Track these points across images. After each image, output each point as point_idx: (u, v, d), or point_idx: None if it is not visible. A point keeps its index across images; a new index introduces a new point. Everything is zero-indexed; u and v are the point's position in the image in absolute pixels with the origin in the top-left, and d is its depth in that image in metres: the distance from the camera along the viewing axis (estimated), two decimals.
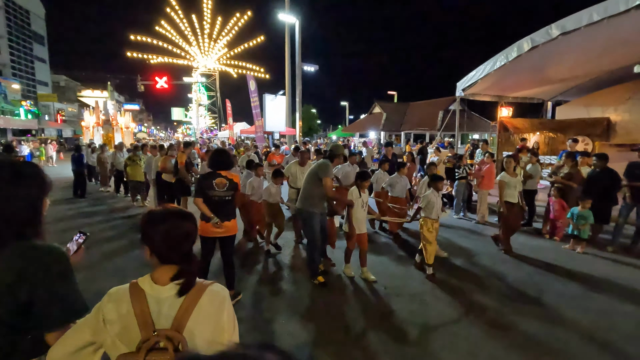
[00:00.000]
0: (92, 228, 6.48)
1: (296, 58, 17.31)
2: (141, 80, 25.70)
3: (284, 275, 4.58)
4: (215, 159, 3.52)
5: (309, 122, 46.96)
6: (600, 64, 9.44)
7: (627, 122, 10.17)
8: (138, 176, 8.33)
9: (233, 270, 3.72)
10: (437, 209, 4.50)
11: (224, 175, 3.47)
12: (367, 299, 3.94)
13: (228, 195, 3.47)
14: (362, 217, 4.36)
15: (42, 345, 1.12)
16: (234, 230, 3.61)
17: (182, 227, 1.12)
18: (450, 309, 3.67)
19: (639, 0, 6.05)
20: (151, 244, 1.10)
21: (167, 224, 1.10)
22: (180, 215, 1.14)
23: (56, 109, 52.12)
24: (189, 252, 1.13)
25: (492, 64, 9.22)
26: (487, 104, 13.42)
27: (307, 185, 4.24)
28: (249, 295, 3.95)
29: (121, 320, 1.04)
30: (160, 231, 1.09)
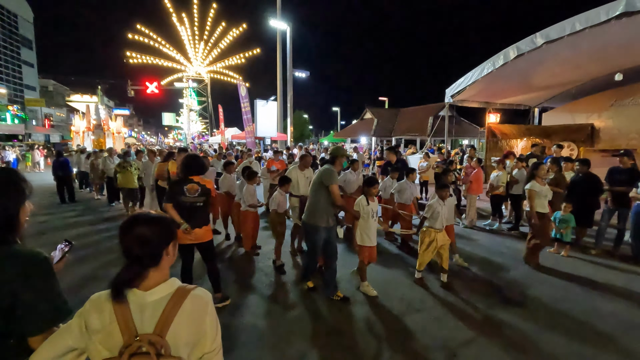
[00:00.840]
0: (86, 238, 6.22)
1: (287, 64, 17.40)
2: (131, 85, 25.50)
3: (283, 291, 4.25)
4: (187, 164, 3.40)
5: (301, 127, 47.06)
6: (583, 72, 9.71)
7: (610, 128, 10.46)
8: (129, 183, 7.90)
9: (217, 275, 3.67)
10: (442, 219, 4.29)
11: (196, 180, 3.36)
12: (373, 314, 3.67)
13: (200, 201, 3.36)
14: (373, 229, 4.01)
15: (25, 350, 1.12)
16: (207, 237, 3.49)
17: (136, 230, 1.09)
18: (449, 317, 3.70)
19: (619, 11, 6.28)
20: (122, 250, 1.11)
21: (126, 230, 1.10)
22: (138, 220, 1.12)
23: (44, 113, 51.33)
24: (140, 256, 1.09)
25: (479, 71, 9.42)
26: (476, 110, 13.65)
27: (313, 196, 3.85)
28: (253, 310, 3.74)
29: (103, 325, 1.04)
30: (122, 237, 1.10)
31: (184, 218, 3.30)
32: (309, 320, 3.54)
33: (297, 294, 4.14)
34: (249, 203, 5.10)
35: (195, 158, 3.53)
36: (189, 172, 3.37)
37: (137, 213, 1.16)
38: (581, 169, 5.72)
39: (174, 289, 1.12)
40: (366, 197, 3.97)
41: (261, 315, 3.63)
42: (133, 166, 7.91)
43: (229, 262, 5.24)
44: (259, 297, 4.07)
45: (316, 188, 3.82)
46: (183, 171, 3.41)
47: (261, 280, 4.53)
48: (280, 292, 4.19)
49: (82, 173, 11.77)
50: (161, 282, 1.12)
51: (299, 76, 19.53)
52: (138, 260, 1.09)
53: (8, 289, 1.10)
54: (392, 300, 3.96)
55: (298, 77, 19.50)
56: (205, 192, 3.38)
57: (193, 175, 3.36)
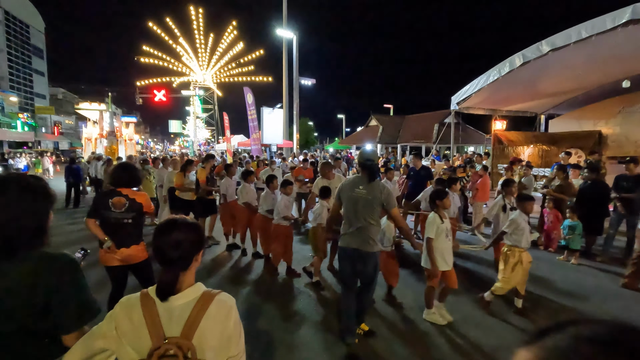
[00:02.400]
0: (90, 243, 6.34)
1: (294, 72, 17.59)
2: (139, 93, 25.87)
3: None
4: (115, 175, 3.02)
5: (306, 135, 47.24)
6: (590, 79, 9.70)
7: (618, 135, 10.41)
8: (149, 192, 7.46)
9: None
10: (527, 236, 3.73)
11: (125, 194, 2.96)
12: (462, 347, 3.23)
13: (127, 217, 2.94)
14: (448, 249, 3.52)
15: (59, 349, 1.18)
16: (137, 258, 3.04)
17: (174, 235, 1.15)
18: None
19: (625, 19, 6.30)
20: (154, 253, 1.17)
21: (163, 233, 1.16)
22: (176, 224, 1.18)
23: (53, 121, 52.17)
24: (175, 259, 1.14)
25: (485, 78, 9.45)
26: (482, 117, 13.66)
27: (364, 217, 3.00)
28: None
29: (133, 328, 1.09)
30: (158, 239, 1.16)
31: (109, 235, 2.94)
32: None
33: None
34: (283, 215, 4.70)
35: (126, 168, 3.09)
36: (117, 184, 2.99)
37: (173, 217, 1.22)
38: (589, 176, 5.71)
39: (200, 293, 1.16)
40: (438, 213, 3.50)
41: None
42: (152, 175, 7.65)
43: (257, 284, 4.68)
44: (314, 329, 3.53)
45: (369, 208, 2.99)
46: (111, 183, 3.05)
47: (306, 306, 4.00)
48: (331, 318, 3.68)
49: (97, 180, 11.43)
50: (188, 286, 1.17)
51: (305, 84, 19.70)
52: (172, 263, 1.14)
53: (43, 289, 1.16)
54: (468, 330, 3.48)
55: (304, 84, 19.68)
56: (134, 207, 2.96)
57: (122, 188, 2.98)
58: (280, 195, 4.85)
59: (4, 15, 51.17)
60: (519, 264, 3.66)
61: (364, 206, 2.99)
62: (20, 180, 1.26)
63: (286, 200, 4.78)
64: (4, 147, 34.07)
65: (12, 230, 1.17)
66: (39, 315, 1.16)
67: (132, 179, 3.03)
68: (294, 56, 17.37)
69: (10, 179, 1.25)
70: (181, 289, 1.15)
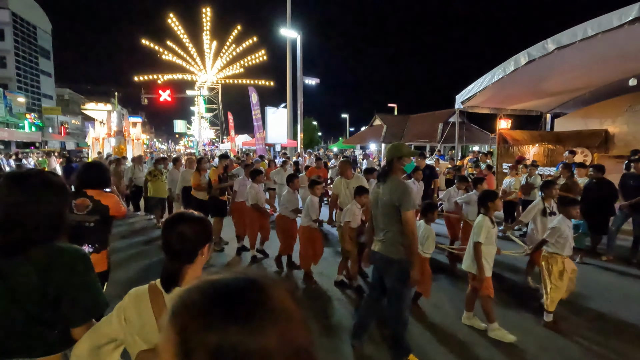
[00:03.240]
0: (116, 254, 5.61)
1: (298, 72, 17.62)
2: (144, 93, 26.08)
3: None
4: (81, 175, 2.76)
5: (310, 134, 47.30)
6: (596, 77, 9.63)
7: (625, 133, 10.30)
8: (161, 192, 7.48)
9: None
10: (570, 243, 3.51)
11: (90, 195, 2.66)
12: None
13: (90, 220, 2.63)
14: (492, 254, 3.33)
15: (69, 339, 1.22)
16: (99, 267, 2.66)
17: (179, 227, 1.19)
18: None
19: (632, 16, 6.24)
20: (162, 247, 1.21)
21: (170, 226, 1.20)
22: (182, 218, 1.22)
23: (60, 121, 52.72)
24: (179, 252, 1.18)
25: (490, 77, 9.42)
26: (487, 116, 13.60)
27: (387, 220, 2.76)
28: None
29: (141, 319, 1.12)
30: (165, 232, 1.20)
31: (70, 239, 2.66)
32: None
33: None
34: (315, 217, 4.56)
35: (91, 168, 2.82)
36: (82, 184, 2.72)
37: (181, 211, 1.26)
38: (595, 175, 5.67)
39: None
40: (489, 217, 3.25)
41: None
42: (164, 174, 7.58)
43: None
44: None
45: (390, 210, 2.72)
46: (76, 183, 2.79)
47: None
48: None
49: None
50: (194, 278, 1.18)
51: (308, 83, 19.73)
52: (176, 255, 1.17)
53: (56, 281, 1.20)
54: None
55: (307, 84, 19.71)
56: (98, 209, 2.64)
57: (88, 189, 2.68)
58: (309, 197, 4.66)
59: (11, 17, 51.78)
60: (564, 271, 3.44)
61: (382, 207, 2.79)
62: (41, 175, 1.30)
63: (316, 201, 4.61)
64: (12, 147, 34.50)
65: (32, 223, 1.21)
66: (50, 307, 1.19)
67: (99, 179, 2.73)
68: (298, 56, 17.39)
69: (32, 174, 1.29)
70: (188, 281, 1.17)
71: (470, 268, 3.32)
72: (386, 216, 2.75)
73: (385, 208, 2.75)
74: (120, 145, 15.66)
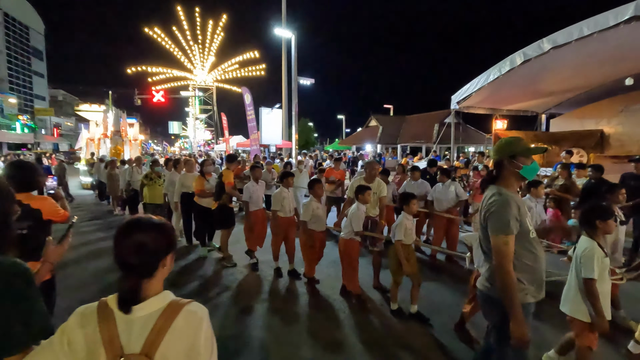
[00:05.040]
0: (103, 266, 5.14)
1: (292, 72, 17.49)
2: (138, 94, 25.78)
3: None
4: (7, 176, 2.43)
5: (306, 135, 47.17)
6: (592, 77, 9.59)
7: (620, 134, 10.29)
8: (157, 198, 6.57)
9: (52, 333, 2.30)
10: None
11: (19, 199, 2.31)
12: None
13: (22, 227, 2.35)
14: (608, 295, 2.50)
15: None
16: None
17: (135, 237, 1.02)
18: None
19: (628, 15, 6.17)
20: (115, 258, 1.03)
21: (123, 235, 1.03)
22: (139, 225, 1.05)
23: (53, 123, 52.21)
24: (135, 265, 1.01)
25: (485, 77, 9.34)
26: (482, 116, 13.54)
27: (485, 244, 2.07)
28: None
29: (87, 343, 0.96)
30: (118, 242, 1.03)
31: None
32: None
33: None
34: (357, 229, 3.88)
35: (15, 168, 2.49)
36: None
37: (137, 217, 1.08)
38: (594, 175, 5.57)
39: (166, 304, 1.03)
40: (597, 242, 2.45)
41: None
42: (162, 178, 6.72)
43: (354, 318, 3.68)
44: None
45: (484, 233, 2.05)
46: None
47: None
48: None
49: (102, 184, 10.46)
50: (152, 295, 1.03)
51: (304, 84, 19.60)
52: (132, 269, 1.01)
53: None
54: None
55: (303, 85, 19.57)
56: (30, 215, 2.36)
57: (17, 192, 2.34)
58: (355, 204, 3.97)
59: (3, 17, 51.29)
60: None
61: (480, 226, 2.15)
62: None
63: (363, 210, 3.96)
64: (4, 148, 34.06)
65: None
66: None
67: (24, 181, 2.40)
68: (293, 56, 17.26)
69: None
70: (145, 298, 1.01)
71: (576, 312, 2.46)
72: (484, 241, 2.07)
73: (481, 230, 2.09)
74: (117, 146, 15.10)
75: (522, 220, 1.93)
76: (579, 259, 2.46)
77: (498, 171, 2.08)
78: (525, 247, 1.93)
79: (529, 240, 1.95)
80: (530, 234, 1.96)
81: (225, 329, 3.43)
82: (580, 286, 2.42)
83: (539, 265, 1.97)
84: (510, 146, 2.04)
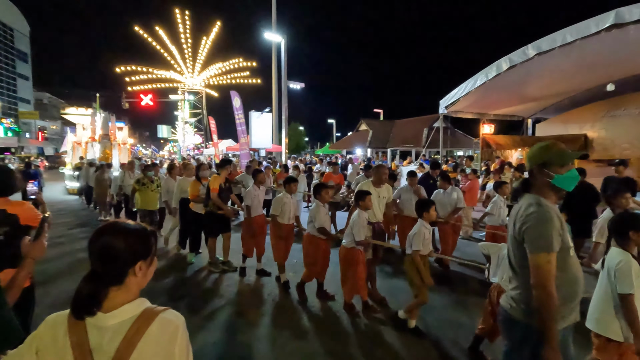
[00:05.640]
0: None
1: (282, 76, 17.49)
2: (126, 97, 25.49)
3: None
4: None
5: (297, 139, 47.20)
6: (575, 83, 9.81)
7: (603, 138, 10.53)
8: (150, 204, 6.41)
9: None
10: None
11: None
12: None
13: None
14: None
15: None
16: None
17: (101, 241, 1.00)
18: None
19: (609, 23, 6.35)
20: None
21: (93, 241, 1.00)
22: (108, 230, 1.02)
23: (38, 126, 51.14)
24: (108, 272, 0.99)
25: (473, 82, 9.47)
26: (470, 121, 13.73)
27: (516, 262, 1.85)
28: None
29: (57, 350, 0.93)
30: (89, 248, 1.00)
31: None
32: None
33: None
34: (359, 239, 3.65)
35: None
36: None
37: (113, 221, 1.06)
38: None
39: (140, 311, 1.00)
40: (631, 252, 2.22)
41: None
42: (155, 183, 6.52)
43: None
44: None
45: (516, 250, 1.83)
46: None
47: None
48: None
49: (90, 188, 10.22)
50: (125, 303, 1.00)
51: (295, 89, 19.63)
52: (97, 276, 0.98)
53: None
54: None
55: (294, 89, 19.60)
56: (5, 220, 2.29)
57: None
58: (356, 211, 3.77)
59: None
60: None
61: (510, 241, 1.93)
62: None
63: (365, 217, 3.75)
64: None
65: None
66: None
67: (5, 185, 2.35)
68: (282, 60, 17.28)
69: None
70: (116, 306, 0.98)
71: (606, 330, 2.24)
72: (515, 256, 1.84)
73: (511, 243, 1.87)
74: (106, 150, 14.54)
75: (563, 236, 1.71)
76: (612, 272, 2.24)
77: (532, 180, 1.89)
78: (562, 266, 1.71)
79: (567, 258, 1.73)
80: (570, 252, 1.75)
81: (227, 344, 3.29)
82: (614, 302, 2.20)
83: (576, 287, 1.75)
84: (541, 152, 1.86)
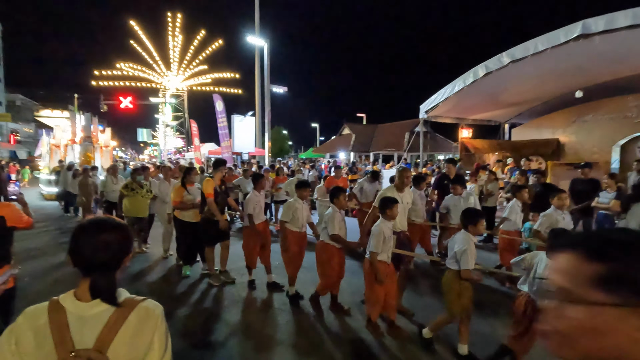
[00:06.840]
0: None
1: (265, 80, 17.51)
2: (104, 100, 24.85)
3: None
4: None
5: (280, 143, 47.07)
6: (547, 89, 10.26)
7: (574, 142, 11.02)
8: (140, 211, 6.00)
9: None
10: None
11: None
12: None
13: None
14: None
15: None
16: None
17: (103, 236, 1.05)
18: None
19: (576, 33, 6.71)
20: (71, 255, 1.05)
21: (90, 234, 1.05)
22: (104, 224, 1.08)
23: (10, 129, 49.20)
24: (106, 262, 1.05)
25: (451, 88, 9.76)
26: (450, 125, 14.08)
27: None
28: None
29: (37, 340, 0.95)
30: (77, 241, 1.05)
31: None
32: None
33: None
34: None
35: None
36: None
37: (99, 217, 1.12)
38: (538, 179, 5.99)
39: (120, 301, 1.04)
40: None
41: None
42: (145, 188, 6.07)
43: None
44: None
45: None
46: None
47: None
48: None
49: (68, 194, 9.78)
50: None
51: (278, 92, 19.66)
52: (100, 267, 1.03)
53: None
54: None
55: (277, 93, 19.63)
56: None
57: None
58: (379, 221, 3.33)
59: None
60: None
61: None
62: None
63: (389, 226, 3.31)
64: None
65: None
66: None
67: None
68: (265, 64, 17.31)
69: None
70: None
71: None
72: None
73: None
74: (87, 152, 13.81)
75: None
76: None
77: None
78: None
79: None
80: None
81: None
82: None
83: None
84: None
